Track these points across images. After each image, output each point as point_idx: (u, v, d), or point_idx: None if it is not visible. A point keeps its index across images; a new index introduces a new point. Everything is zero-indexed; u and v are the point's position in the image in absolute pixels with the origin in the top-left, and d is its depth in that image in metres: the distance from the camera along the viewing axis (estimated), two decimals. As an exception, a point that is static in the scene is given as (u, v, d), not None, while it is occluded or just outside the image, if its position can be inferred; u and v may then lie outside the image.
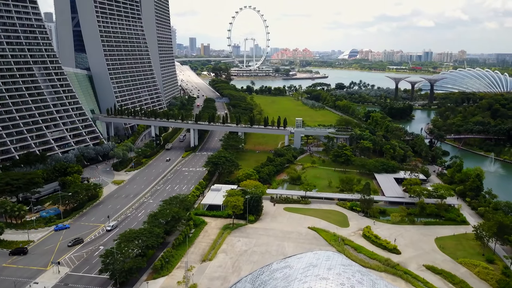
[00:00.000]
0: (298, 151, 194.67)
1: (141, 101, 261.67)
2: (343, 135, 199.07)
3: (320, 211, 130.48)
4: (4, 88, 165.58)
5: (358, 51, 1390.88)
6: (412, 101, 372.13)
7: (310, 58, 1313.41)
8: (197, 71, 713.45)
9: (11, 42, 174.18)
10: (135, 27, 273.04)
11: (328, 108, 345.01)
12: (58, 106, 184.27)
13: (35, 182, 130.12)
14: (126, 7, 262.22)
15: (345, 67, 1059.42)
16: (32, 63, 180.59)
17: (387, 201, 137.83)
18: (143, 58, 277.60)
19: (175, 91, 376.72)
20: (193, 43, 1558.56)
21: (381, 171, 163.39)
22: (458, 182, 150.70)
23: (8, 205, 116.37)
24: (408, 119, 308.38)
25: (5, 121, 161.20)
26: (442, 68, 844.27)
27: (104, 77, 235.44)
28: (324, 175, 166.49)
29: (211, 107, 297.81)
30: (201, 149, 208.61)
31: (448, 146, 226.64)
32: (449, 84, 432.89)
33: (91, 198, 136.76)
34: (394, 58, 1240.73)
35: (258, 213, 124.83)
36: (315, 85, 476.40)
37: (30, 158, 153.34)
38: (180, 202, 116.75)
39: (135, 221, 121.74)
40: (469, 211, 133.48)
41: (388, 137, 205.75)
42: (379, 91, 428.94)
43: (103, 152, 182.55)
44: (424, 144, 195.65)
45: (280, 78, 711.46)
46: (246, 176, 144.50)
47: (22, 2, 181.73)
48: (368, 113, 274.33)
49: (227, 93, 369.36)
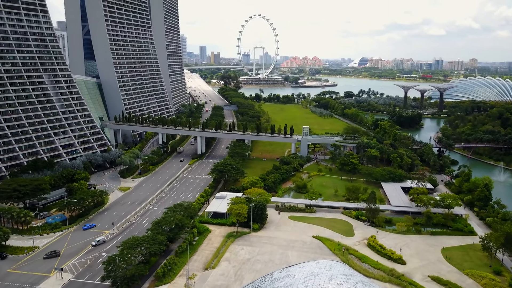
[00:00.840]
0: (305, 159, 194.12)
1: (150, 109, 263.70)
2: (350, 144, 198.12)
3: (325, 220, 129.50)
4: (14, 95, 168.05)
5: (368, 59, 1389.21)
6: (421, 110, 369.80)
7: (319, 66, 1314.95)
8: (206, 79, 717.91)
9: (22, 50, 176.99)
10: (144, 36, 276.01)
11: (336, 116, 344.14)
12: (67, 113, 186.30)
13: (41, 188, 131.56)
14: (135, 16, 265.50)
15: (354, 75, 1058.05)
16: (42, 70, 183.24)
17: (393, 211, 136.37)
18: (152, 66, 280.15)
19: (184, 99, 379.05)
20: (203, 52, 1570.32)
21: (388, 180, 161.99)
22: (466, 191, 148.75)
23: (15, 211, 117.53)
24: (417, 128, 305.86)
25: (15, 128, 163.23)
26: (453, 77, 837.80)
27: (113, 84, 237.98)
28: (330, 183, 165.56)
29: (219, 114, 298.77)
30: (208, 156, 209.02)
31: (457, 155, 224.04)
32: (459, 93, 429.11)
33: (97, 204, 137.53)
34: (404, 66, 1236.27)
35: (263, 221, 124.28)
36: (324, 93, 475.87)
37: (38, 164, 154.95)
38: (184, 210, 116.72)
39: (139, 228, 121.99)
40: (477, 221, 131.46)
41: (396, 145, 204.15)
42: (388, 100, 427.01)
43: (110, 159, 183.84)
44: (432, 153, 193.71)
45: (289, 86, 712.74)
46: (251, 184, 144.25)
47: (34, 12, 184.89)
48: (376, 121, 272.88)
49: (235, 101, 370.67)
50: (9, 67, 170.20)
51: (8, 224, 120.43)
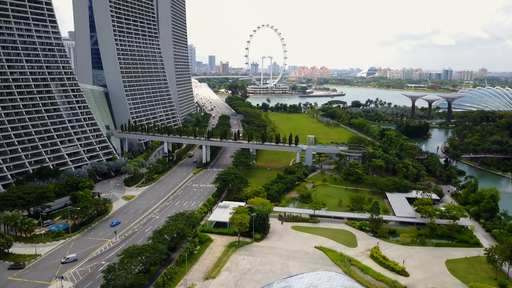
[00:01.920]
0: (310, 168, 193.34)
1: (156, 118, 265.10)
2: (355, 153, 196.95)
3: (328, 230, 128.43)
4: (22, 104, 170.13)
5: (377, 69, 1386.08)
6: (429, 120, 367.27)
7: (327, 76, 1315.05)
8: (214, 89, 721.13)
9: (30, 60, 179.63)
10: (152, 45, 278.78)
11: (343, 125, 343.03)
12: (74, 122, 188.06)
13: (46, 196, 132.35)
14: (143, 26, 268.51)
15: (363, 85, 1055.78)
16: (50, 80, 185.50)
17: (397, 221, 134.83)
18: (159, 75, 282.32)
19: (191, 108, 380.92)
20: (212, 61, 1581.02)
21: (393, 190, 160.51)
22: (472, 202, 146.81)
23: (18, 218, 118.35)
24: (424, 138, 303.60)
25: (21, 136, 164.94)
26: (462, 87, 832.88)
27: (120, 93, 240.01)
28: (335, 193, 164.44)
29: (226, 123, 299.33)
30: (213, 165, 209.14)
31: (465, 165, 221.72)
32: (467, 103, 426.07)
33: (101, 213, 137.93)
34: (413, 76, 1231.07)
35: (265, 231, 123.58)
36: (331, 103, 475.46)
37: (43, 172, 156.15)
38: (186, 219, 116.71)
39: (142, 236, 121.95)
40: (483, 233, 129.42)
41: (402, 155, 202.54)
42: (396, 109, 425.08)
43: (115, 168, 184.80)
44: (439, 163, 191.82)
45: (297, 96, 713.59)
46: (255, 194, 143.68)
47: (42, 22, 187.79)
48: (383, 131, 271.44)
49: (242, 110, 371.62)
50: (17, 76, 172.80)
51: (11, 231, 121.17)
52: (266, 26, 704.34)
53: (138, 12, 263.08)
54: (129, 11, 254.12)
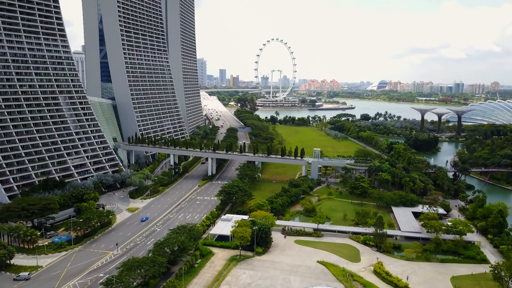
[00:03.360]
0: (315, 182, 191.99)
1: (164, 130, 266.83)
2: (361, 167, 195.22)
3: (331, 245, 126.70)
4: (30, 116, 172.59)
5: (387, 82, 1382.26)
6: (439, 133, 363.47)
7: (337, 89, 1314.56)
8: (224, 102, 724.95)
9: (39, 73, 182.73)
10: (160, 59, 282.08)
11: (351, 139, 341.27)
12: (81, 134, 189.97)
13: (50, 208, 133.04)
14: (152, 40, 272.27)
15: (373, 98, 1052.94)
16: (58, 92, 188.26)
17: (402, 236, 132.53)
18: (167, 88, 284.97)
19: (199, 121, 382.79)
20: (222, 75, 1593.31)
21: (399, 204, 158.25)
22: (480, 217, 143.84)
23: (22, 229, 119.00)
24: (433, 152, 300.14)
25: (28, 148, 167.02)
26: (474, 100, 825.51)
27: (127, 106, 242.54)
28: (340, 207, 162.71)
29: (233, 136, 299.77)
30: (219, 178, 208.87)
31: (474, 180, 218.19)
32: (478, 116, 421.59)
33: (104, 225, 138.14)
34: (424, 89, 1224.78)
35: (267, 245, 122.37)
36: (340, 116, 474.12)
37: (49, 184, 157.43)
38: (188, 232, 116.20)
39: (143, 249, 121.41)
40: (491, 249, 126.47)
41: (409, 169, 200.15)
42: (405, 123, 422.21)
43: (121, 180, 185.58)
44: (447, 177, 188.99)
45: (306, 109, 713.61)
46: (258, 207, 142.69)
47: (52, 36, 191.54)
48: (391, 144, 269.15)
49: (250, 123, 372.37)
50: (26, 89, 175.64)
51: (15, 242, 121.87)
52: (276, 40, 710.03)
53: (147, 26, 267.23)
54: (138, 25, 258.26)
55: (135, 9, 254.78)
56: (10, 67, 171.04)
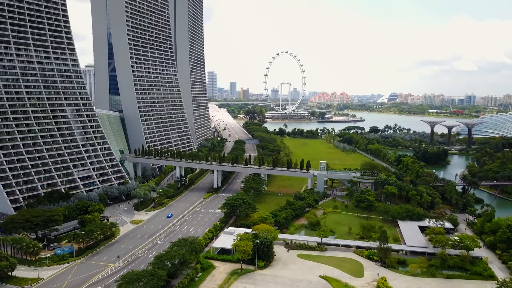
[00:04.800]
0: (321, 195, 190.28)
1: (171, 142, 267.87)
2: (368, 180, 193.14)
3: (335, 259, 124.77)
4: (38, 128, 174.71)
5: (398, 95, 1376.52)
6: (449, 146, 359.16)
7: (347, 102, 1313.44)
8: (233, 114, 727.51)
9: (48, 86, 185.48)
10: (168, 72, 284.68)
11: (360, 151, 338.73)
12: (87, 146, 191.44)
13: (53, 219, 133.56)
14: (160, 53, 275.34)
15: (383, 111, 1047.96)
16: (66, 105, 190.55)
17: (408, 251, 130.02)
18: (174, 101, 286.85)
19: (207, 133, 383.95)
20: (233, 87, 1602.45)
21: (405, 218, 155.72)
22: (489, 232, 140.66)
23: (24, 241, 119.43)
24: (443, 165, 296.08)
25: (35, 160, 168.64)
26: (486, 113, 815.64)
27: (135, 118, 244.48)
28: (345, 220, 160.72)
29: (240, 148, 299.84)
30: (224, 190, 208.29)
31: (484, 193, 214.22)
32: (489, 129, 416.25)
33: (107, 237, 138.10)
34: (435, 101, 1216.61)
35: (269, 258, 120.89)
36: (349, 128, 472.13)
37: (54, 195, 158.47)
38: (189, 245, 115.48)
39: (145, 262, 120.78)
40: (499, 265, 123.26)
41: (417, 182, 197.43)
42: (415, 135, 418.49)
43: (126, 192, 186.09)
44: (455, 191, 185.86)
45: (316, 121, 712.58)
46: (261, 220, 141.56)
47: (61, 50, 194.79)
48: (399, 157, 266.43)
49: (257, 135, 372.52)
50: (34, 102, 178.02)
51: (17, 254, 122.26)
52: (285, 53, 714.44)
53: (155, 39, 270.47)
54: (147, 38, 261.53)
55: (143, 23, 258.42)
56: (19, 80, 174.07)
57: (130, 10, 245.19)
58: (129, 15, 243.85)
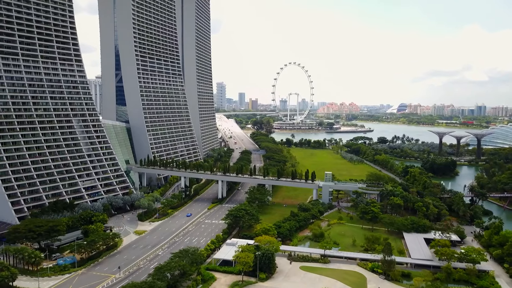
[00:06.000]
0: (326, 206, 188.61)
1: (177, 153, 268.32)
2: (373, 191, 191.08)
3: (338, 272, 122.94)
4: (44, 139, 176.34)
5: (407, 105, 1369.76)
6: (458, 157, 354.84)
7: (356, 112, 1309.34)
8: (241, 124, 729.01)
9: (54, 97, 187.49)
10: (175, 83, 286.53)
11: (367, 162, 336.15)
12: (93, 156, 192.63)
13: (56, 230, 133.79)
14: (167, 64, 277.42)
15: (392, 121, 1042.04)
16: (72, 115, 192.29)
17: (412, 264, 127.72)
18: (181, 111, 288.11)
19: (214, 143, 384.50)
20: (242, 98, 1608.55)
21: (411, 230, 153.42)
22: (496, 245, 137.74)
23: (26, 251, 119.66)
24: (451, 176, 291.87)
25: (40, 170, 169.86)
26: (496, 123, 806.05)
27: (141, 129, 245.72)
28: (349, 232, 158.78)
29: (246, 159, 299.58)
30: (229, 201, 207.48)
31: (493, 205, 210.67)
32: (499, 139, 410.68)
33: (110, 247, 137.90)
34: (445, 112, 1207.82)
35: (270, 270, 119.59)
36: (356, 139, 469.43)
37: (58, 205, 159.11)
38: (190, 256, 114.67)
39: (146, 272, 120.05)
40: (507, 278, 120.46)
41: (423, 193, 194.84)
42: (423, 146, 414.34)
43: (131, 202, 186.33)
44: (462, 203, 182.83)
45: (324, 131, 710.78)
46: (264, 231, 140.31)
47: (69, 61, 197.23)
48: (407, 168, 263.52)
49: (264, 145, 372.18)
50: (41, 112, 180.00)
51: (19, 264, 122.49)
52: (293, 63, 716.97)
53: (162, 50, 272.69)
54: (154, 50, 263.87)
55: (150, 34, 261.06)
56: (26, 91, 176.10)
57: (137, 22, 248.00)
58: (136, 27, 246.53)
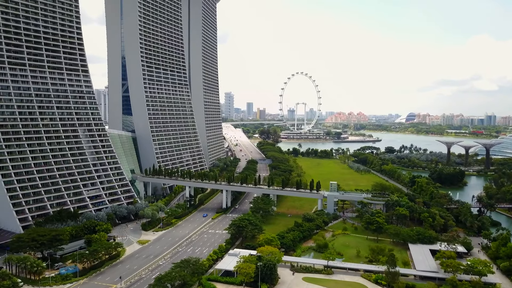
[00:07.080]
0: (331, 216, 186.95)
1: (183, 162, 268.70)
2: (378, 201, 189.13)
3: (341, 283, 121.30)
4: (49, 148, 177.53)
5: (416, 115, 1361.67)
6: (466, 167, 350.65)
7: (364, 122, 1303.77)
8: (248, 134, 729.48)
9: (61, 107, 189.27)
10: (181, 92, 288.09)
11: (374, 172, 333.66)
12: (98, 166, 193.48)
13: (59, 239, 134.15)
14: (173, 74, 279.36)
15: (400, 131, 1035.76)
16: (78, 125, 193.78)
17: (417, 275, 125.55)
18: (187, 121, 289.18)
19: (220, 153, 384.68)
20: (250, 108, 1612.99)
21: (416, 241, 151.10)
22: (504, 257, 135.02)
23: (29, 260, 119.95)
24: (460, 186, 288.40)
25: (46, 179, 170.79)
26: (506, 133, 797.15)
27: (147, 138, 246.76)
28: (354, 243, 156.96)
29: (252, 168, 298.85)
30: (233, 211, 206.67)
31: (502, 216, 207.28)
32: (508, 149, 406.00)
33: (112, 257, 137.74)
34: (454, 121, 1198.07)
35: (272, 281, 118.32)
36: (364, 148, 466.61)
37: (63, 214, 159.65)
38: (191, 266, 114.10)
39: (147, 283, 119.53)
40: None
41: (430, 204, 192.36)
42: (431, 156, 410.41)
43: (135, 211, 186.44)
44: (469, 213, 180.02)
45: (331, 141, 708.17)
46: (267, 242, 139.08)
47: (75, 72, 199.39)
48: (414, 178, 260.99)
49: (270, 155, 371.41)
50: (47, 122, 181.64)
51: (22, 273, 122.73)
52: (301, 73, 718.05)
53: (168, 60, 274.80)
54: (160, 60, 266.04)
55: (157, 45, 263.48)
56: (33, 101, 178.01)
57: (144, 32, 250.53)
58: (142, 37, 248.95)
